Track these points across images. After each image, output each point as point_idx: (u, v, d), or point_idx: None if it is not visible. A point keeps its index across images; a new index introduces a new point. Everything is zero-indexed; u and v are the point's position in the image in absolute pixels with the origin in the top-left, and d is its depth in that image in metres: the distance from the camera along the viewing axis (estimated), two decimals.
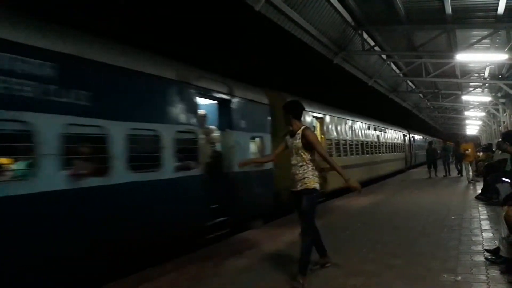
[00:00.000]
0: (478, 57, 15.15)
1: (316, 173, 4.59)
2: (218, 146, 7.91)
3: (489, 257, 5.01)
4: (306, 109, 6.05)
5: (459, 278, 4.49)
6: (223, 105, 7.99)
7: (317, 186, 4.58)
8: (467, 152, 16.69)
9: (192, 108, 6.83)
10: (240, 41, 22.53)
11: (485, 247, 5.55)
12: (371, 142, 19.92)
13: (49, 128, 4.34)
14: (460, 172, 19.15)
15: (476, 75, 19.92)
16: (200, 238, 6.74)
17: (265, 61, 24.05)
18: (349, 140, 16.35)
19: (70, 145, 4.60)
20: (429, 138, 39.27)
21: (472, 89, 23.41)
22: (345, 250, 6.13)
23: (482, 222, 7.79)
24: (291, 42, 13.39)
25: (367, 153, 18.89)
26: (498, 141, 9.20)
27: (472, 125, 43.74)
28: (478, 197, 10.88)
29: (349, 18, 13.05)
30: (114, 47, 5.76)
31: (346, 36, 14.21)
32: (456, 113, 36.79)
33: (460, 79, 19.56)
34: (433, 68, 18.66)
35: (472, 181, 15.51)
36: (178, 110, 6.43)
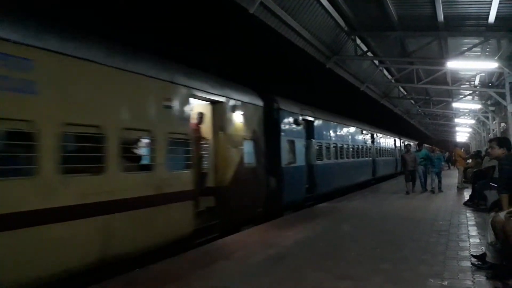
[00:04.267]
0: (468, 65, 15.37)
1: None
2: None
3: (476, 263, 5.05)
4: None
5: (445, 283, 4.52)
6: None
7: None
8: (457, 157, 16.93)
9: None
10: (233, 43, 22.56)
11: (472, 253, 5.59)
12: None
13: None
14: (437, 187, 14.99)
15: (467, 82, 20.20)
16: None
17: (258, 63, 24.08)
18: None
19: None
20: (391, 138, 28.49)
21: (462, 96, 23.70)
22: (333, 253, 6.14)
23: (469, 228, 7.85)
24: (285, 45, 13.43)
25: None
26: (487, 149, 9.32)
27: (462, 132, 44.18)
28: (466, 204, 10.98)
29: (342, 23, 13.15)
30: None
31: (339, 41, 14.30)
32: (446, 119, 37.15)
33: (451, 86, 19.79)
34: (425, 74, 18.86)
35: (461, 188, 15.63)
36: None
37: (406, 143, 16.07)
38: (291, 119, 12.03)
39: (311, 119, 13.63)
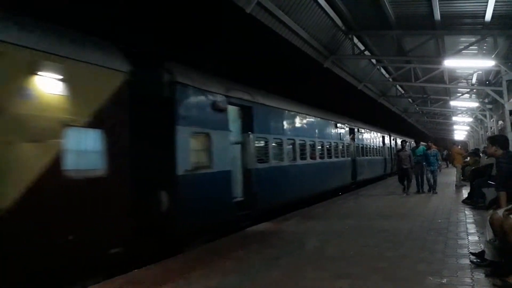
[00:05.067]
0: (465, 63, 15.38)
1: None
2: None
3: (475, 260, 5.05)
4: None
5: (444, 280, 4.51)
6: None
7: None
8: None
9: None
10: (231, 42, 22.58)
11: (470, 250, 5.59)
12: None
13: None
14: (432, 188, 14.00)
15: (464, 81, 20.22)
16: None
17: (256, 62, 24.11)
18: None
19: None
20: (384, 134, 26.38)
21: (460, 94, 23.74)
22: (332, 252, 6.14)
23: (468, 225, 7.85)
24: (282, 44, 13.45)
25: None
26: (485, 147, 9.34)
27: (460, 131, 44.30)
28: (464, 201, 10.99)
29: (339, 23, 13.14)
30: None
31: (337, 40, 14.31)
32: (444, 118, 37.22)
33: (448, 84, 19.82)
34: (422, 73, 18.88)
35: (459, 185, 15.65)
36: None
37: (401, 140, 13.86)
38: (203, 101, 7.98)
39: (248, 104, 9.62)
